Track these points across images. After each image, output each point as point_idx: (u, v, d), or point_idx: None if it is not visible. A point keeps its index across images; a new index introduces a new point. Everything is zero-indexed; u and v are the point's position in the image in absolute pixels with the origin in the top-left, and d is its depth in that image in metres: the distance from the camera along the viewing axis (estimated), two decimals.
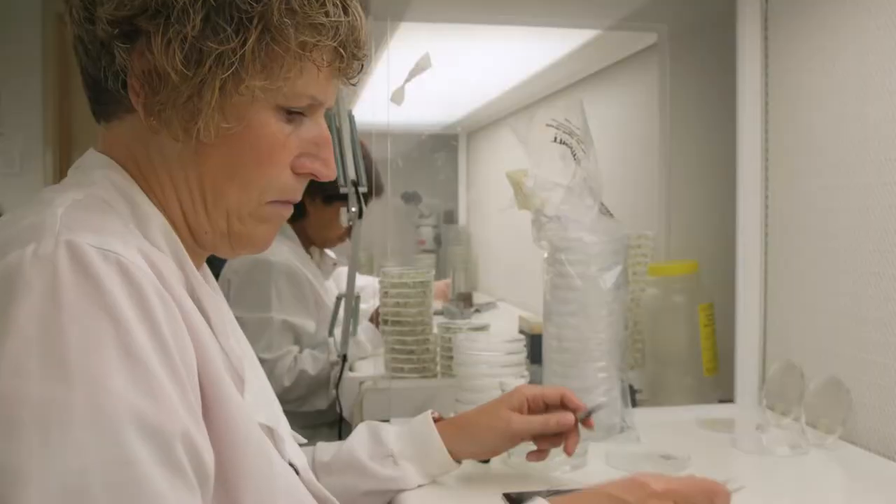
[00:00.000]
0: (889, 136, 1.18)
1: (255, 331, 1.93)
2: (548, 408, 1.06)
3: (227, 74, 0.68)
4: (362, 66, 0.77)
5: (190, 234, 0.76)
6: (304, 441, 0.94)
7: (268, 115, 0.72)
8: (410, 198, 3.29)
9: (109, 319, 0.60)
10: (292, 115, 0.74)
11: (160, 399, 0.60)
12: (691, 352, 1.53)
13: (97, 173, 0.73)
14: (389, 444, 1.05)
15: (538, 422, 1.04)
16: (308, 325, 2.00)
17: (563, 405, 1.05)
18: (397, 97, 1.67)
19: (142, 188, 0.74)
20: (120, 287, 0.61)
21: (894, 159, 1.17)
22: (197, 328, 0.68)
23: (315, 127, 0.76)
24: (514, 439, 1.05)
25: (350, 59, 0.74)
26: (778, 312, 1.46)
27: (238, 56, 0.68)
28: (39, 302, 0.58)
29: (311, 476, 0.86)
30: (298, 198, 0.78)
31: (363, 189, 1.64)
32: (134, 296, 0.61)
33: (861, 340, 1.24)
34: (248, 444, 0.70)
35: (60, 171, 3.51)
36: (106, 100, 0.74)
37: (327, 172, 0.78)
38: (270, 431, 0.79)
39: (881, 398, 1.20)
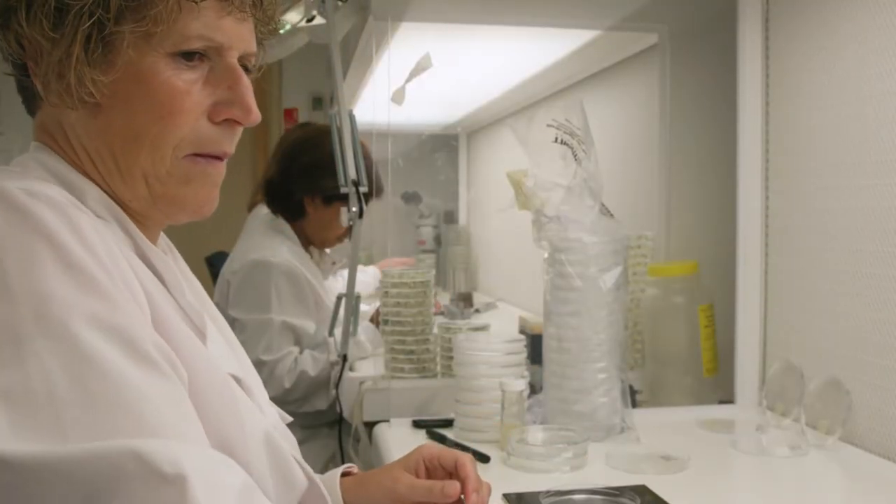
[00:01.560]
0: (889, 136, 1.18)
1: (255, 332, 1.92)
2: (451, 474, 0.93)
3: (88, 25, 0.67)
4: (270, 18, 0.76)
5: (121, 207, 0.75)
6: (290, 419, 0.93)
7: (159, 63, 0.69)
8: (411, 198, 3.29)
9: (44, 240, 0.60)
10: (192, 61, 0.71)
11: (112, 300, 0.60)
12: (691, 352, 1.53)
13: (27, 159, 0.74)
14: None
15: (423, 487, 0.91)
16: (308, 325, 2.00)
17: (456, 472, 0.91)
18: (398, 97, 1.67)
19: (73, 167, 0.74)
20: (51, 215, 0.61)
21: (895, 160, 1.17)
22: (147, 284, 0.68)
23: (227, 71, 0.73)
24: (401, 500, 0.91)
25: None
26: (778, 313, 1.46)
27: (96, 4, 0.67)
28: None
29: (278, 438, 0.80)
30: (228, 150, 0.75)
31: (363, 189, 1.64)
32: (66, 222, 0.62)
33: (861, 341, 1.24)
34: (211, 388, 0.69)
35: None
36: (26, 95, 0.75)
37: (246, 116, 0.73)
38: (238, 381, 0.77)
39: (881, 399, 1.20)
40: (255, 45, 0.76)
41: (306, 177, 2.06)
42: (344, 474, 0.95)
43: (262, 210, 2.18)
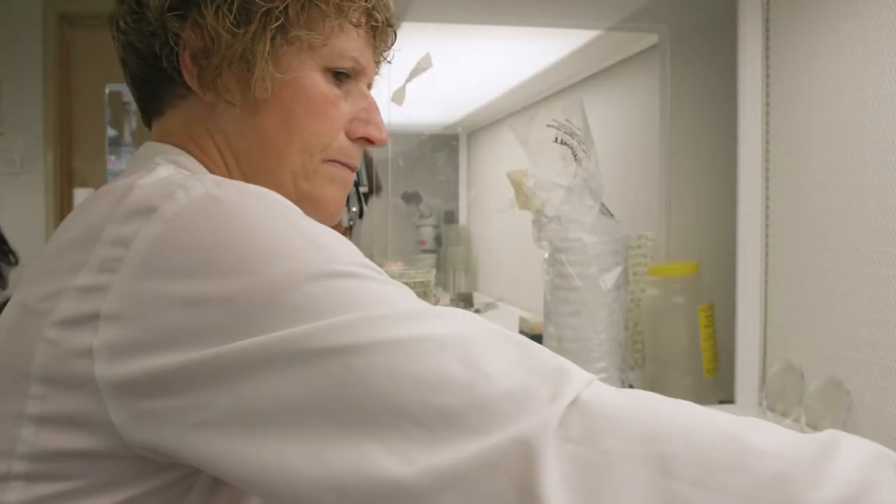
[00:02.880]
0: (890, 136, 1.18)
1: None
2: None
3: (275, 26, 0.72)
4: (395, 35, 0.82)
5: None
6: None
7: (316, 75, 0.76)
8: (411, 198, 3.29)
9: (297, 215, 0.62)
10: (340, 79, 0.78)
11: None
12: (691, 352, 1.53)
13: (157, 159, 0.74)
14: None
15: None
16: None
17: None
18: (398, 97, 1.68)
19: (204, 167, 0.76)
20: (273, 195, 0.63)
21: (895, 160, 1.17)
22: None
23: (362, 94, 0.80)
24: None
25: (384, 25, 0.80)
26: (778, 313, 1.46)
27: (283, 9, 0.72)
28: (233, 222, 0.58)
29: None
30: (357, 164, 0.81)
31: (364, 189, 1.64)
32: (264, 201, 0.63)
33: (861, 341, 1.24)
34: None
35: (60, 171, 3.51)
36: (158, 94, 0.77)
37: (380, 136, 0.81)
38: None
39: (881, 399, 1.20)
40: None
41: None
42: None
43: None
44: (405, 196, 3.26)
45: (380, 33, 0.80)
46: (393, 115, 1.71)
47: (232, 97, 0.73)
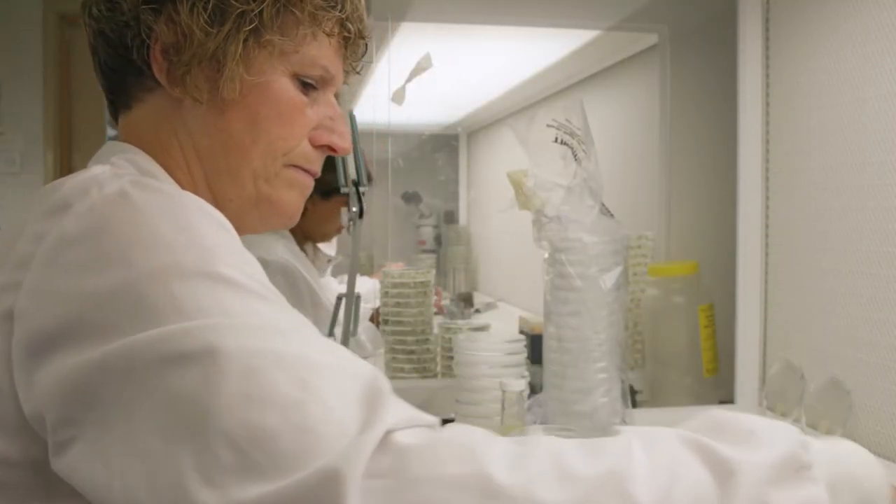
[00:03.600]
0: (890, 136, 1.18)
1: None
2: None
3: (249, 28, 0.72)
4: (366, 47, 0.82)
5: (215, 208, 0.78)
6: None
7: (286, 80, 0.76)
8: (411, 198, 3.28)
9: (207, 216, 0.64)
10: (307, 87, 0.78)
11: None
12: (691, 352, 1.53)
13: (114, 159, 0.74)
14: None
15: None
16: None
17: None
18: (398, 97, 1.68)
19: (163, 167, 0.75)
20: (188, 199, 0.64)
21: (895, 160, 1.17)
22: None
23: (328, 103, 0.80)
24: None
25: (356, 36, 0.80)
26: (778, 313, 1.46)
27: (258, 13, 0.72)
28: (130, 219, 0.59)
29: None
30: (318, 171, 0.82)
31: (364, 189, 1.63)
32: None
33: (861, 341, 1.24)
34: None
35: (60, 171, 3.51)
36: (125, 85, 0.77)
37: (343, 145, 0.81)
38: None
39: (882, 399, 1.20)
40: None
41: None
42: None
43: None
44: (405, 196, 3.26)
45: (351, 44, 0.80)
46: (393, 115, 1.71)
47: (199, 95, 0.73)
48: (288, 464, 0.48)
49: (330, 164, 2.05)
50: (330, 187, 2.07)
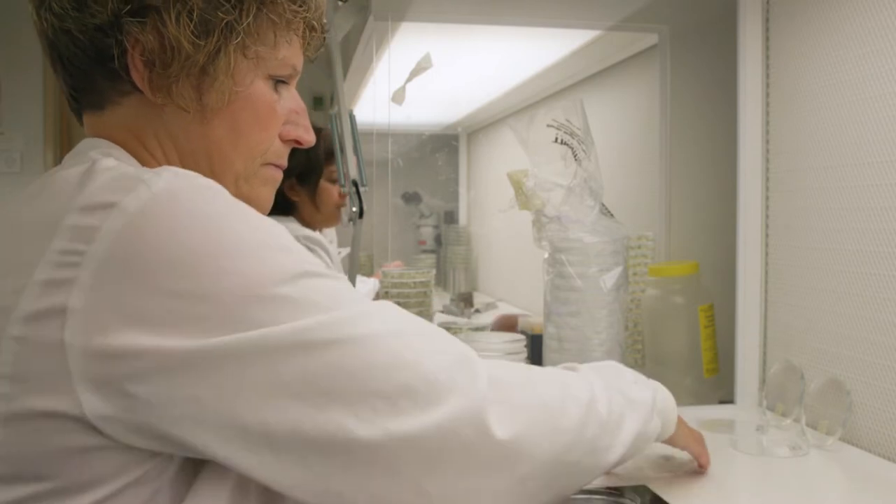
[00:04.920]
0: (890, 136, 1.18)
1: None
2: None
3: (237, 41, 0.73)
4: (323, 39, 0.84)
5: None
6: None
7: (262, 84, 0.78)
8: (411, 198, 3.29)
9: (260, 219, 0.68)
10: (278, 84, 0.80)
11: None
12: (691, 352, 1.53)
13: (92, 154, 0.73)
14: None
15: None
16: None
17: None
18: (398, 97, 1.68)
19: (146, 167, 0.74)
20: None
21: (895, 160, 1.17)
22: None
23: (293, 97, 0.82)
24: None
25: (320, 31, 0.82)
26: (778, 313, 1.46)
27: (244, 25, 0.73)
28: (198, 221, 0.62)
29: None
30: (286, 164, 0.84)
31: (364, 188, 1.64)
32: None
33: (861, 341, 1.24)
34: None
35: None
36: (95, 86, 0.75)
37: (309, 138, 0.84)
38: None
39: (882, 399, 1.20)
40: None
41: None
42: None
43: None
44: (405, 196, 3.26)
45: (313, 39, 0.82)
46: (393, 115, 1.71)
47: (186, 104, 0.74)
48: (429, 402, 0.64)
49: (292, 149, 2.09)
50: (298, 171, 2.11)
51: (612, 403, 0.82)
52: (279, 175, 0.84)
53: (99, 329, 0.58)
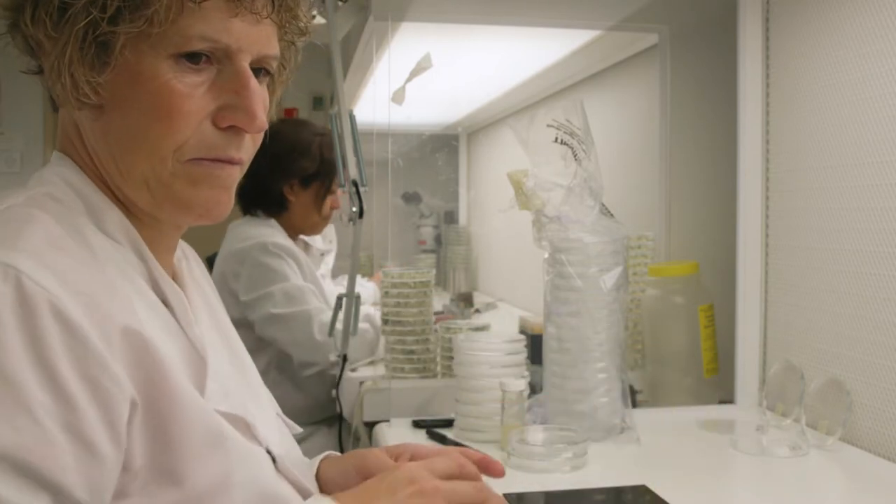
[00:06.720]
0: (889, 136, 1.18)
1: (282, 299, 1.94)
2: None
3: (82, 25, 0.65)
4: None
5: (134, 211, 0.73)
6: (300, 430, 0.92)
7: (160, 65, 0.67)
8: (411, 198, 3.29)
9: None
10: (198, 64, 0.69)
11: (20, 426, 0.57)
12: (691, 352, 1.53)
13: (48, 172, 0.72)
14: None
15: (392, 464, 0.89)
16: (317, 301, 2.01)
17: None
18: (398, 97, 1.68)
19: (88, 175, 0.72)
20: (10, 309, 0.58)
21: (895, 160, 1.17)
22: (149, 325, 0.66)
23: (234, 76, 0.70)
24: (368, 473, 0.87)
25: None
26: (778, 313, 1.46)
27: (97, 4, 0.65)
28: None
29: (289, 464, 0.79)
30: (235, 155, 0.72)
31: (364, 188, 1.64)
32: (25, 319, 0.58)
33: (861, 341, 1.24)
34: (201, 440, 0.67)
35: None
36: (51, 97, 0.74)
37: (250, 123, 0.71)
38: (237, 420, 0.74)
39: (881, 399, 1.20)
40: (275, 47, 0.74)
41: (278, 166, 2.08)
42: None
43: (240, 224, 2.17)
44: (405, 196, 3.26)
45: (246, 3, 0.68)
46: (393, 115, 1.71)
47: (67, 103, 0.69)
48: None
49: (305, 149, 2.06)
50: (306, 173, 2.11)
51: None
52: (221, 170, 0.72)
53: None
